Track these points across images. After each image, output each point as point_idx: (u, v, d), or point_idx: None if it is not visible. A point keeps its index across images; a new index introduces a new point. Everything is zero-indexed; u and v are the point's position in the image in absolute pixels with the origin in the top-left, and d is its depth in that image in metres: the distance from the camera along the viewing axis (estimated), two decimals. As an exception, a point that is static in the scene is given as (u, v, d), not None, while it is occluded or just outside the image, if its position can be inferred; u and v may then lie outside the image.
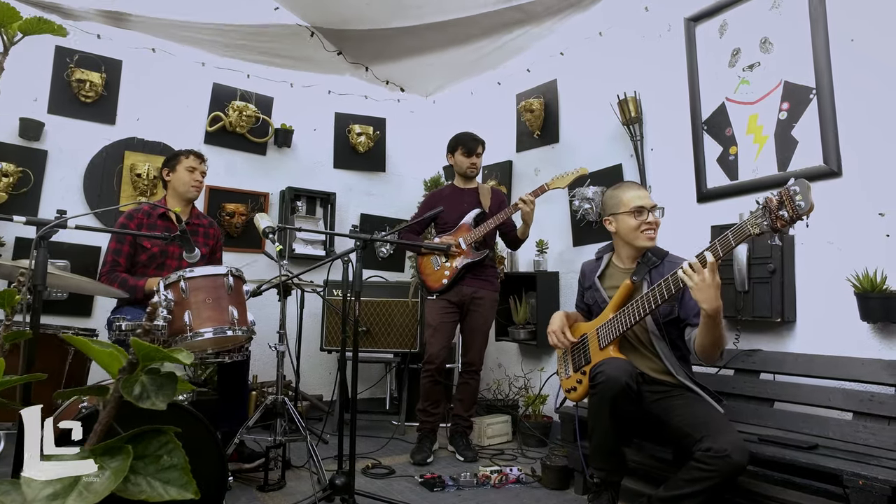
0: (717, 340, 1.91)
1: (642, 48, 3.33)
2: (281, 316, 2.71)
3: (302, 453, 2.84)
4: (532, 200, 3.11)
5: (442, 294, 3.23)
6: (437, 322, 3.23)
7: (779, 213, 1.62)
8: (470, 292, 3.23)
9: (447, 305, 3.24)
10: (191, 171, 2.88)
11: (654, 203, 2.26)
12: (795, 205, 1.59)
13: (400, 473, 2.88)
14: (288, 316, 3.87)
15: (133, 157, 3.81)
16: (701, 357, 2.00)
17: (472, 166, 3.34)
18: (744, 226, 1.73)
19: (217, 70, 4.17)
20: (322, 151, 4.63)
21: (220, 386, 2.80)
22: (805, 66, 2.57)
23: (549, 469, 2.68)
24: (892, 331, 2.23)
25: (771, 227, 1.65)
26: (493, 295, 3.32)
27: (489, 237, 3.29)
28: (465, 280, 3.22)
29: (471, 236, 3.19)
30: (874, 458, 1.86)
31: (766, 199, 1.66)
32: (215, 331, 2.07)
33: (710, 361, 2.03)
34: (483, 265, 3.25)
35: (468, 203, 3.30)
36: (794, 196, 1.60)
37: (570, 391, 2.29)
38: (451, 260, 3.22)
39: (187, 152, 2.94)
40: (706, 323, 1.87)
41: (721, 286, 1.84)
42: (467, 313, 3.27)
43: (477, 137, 3.36)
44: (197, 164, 2.91)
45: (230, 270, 2.18)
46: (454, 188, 3.43)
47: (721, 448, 1.74)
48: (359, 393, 4.40)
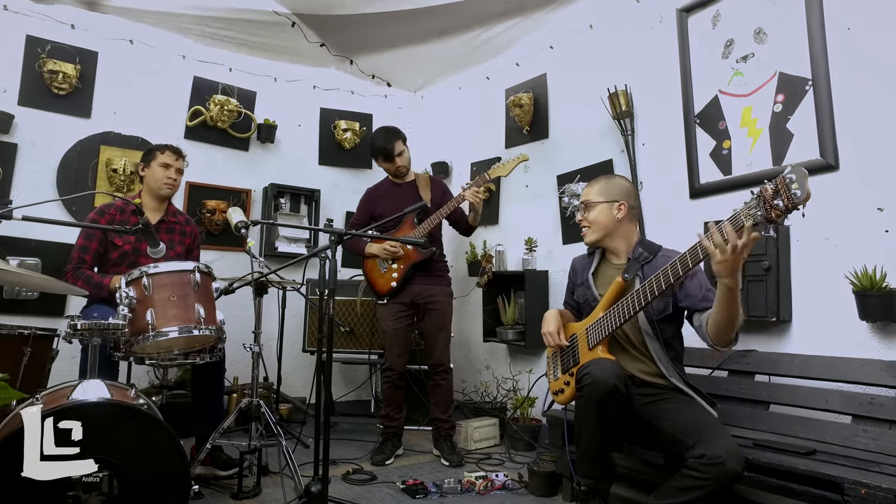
0: (736, 316, 1.76)
1: (633, 41, 3.24)
2: (256, 315, 2.59)
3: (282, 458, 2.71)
4: (482, 191, 3.01)
5: (392, 298, 3.13)
6: (391, 328, 3.14)
7: (774, 203, 1.52)
8: (422, 291, 3.14)
9: (400, 309, 3.14)
10: (165, 167, 2.75)
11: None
12: (791, 193, 1.49)
13: (381, 479, 2.77)
14: (270, 316, 3.82)
15: (109, 151, 3.68)
16: (716, 340, 1.84)
17: (398, 168, 3.24)
18: (737, 216, 1.63)
19: (198, 63, 4.04)
20: (307, 147, 4.51)
21: (193, 388, 2.68)
22: (800, 56, 2.48)
23: (537, 475, 2.58)
24: (892, 330, 2.14)
25: (765, 218, 1.55)
26: (447, 290, 3.23)
27: (435, 231, 3.18)
28: (414, 280, 3.13)
29: (416, 233, 3.08)
30: (875, 464, 1.76)
31: (761, 189, 1.56)
32: (181, 330, 1.94)
33: (726, 342, 1.84)
34: (432, 261, 3.15)
35: (407, 198, 3.16)
36: (790, 185, 1.50)
37: (557, 393, 2.20)
38: (397, 262, 3.12)
39: (164, 147, 2.81)
40: (727, 297, 1.71)
41: (715, 283, 1.74)
42: (424, 314, 3.17)
43: (385, 142, 3.18)
44: (172, 161, 2.77)
45: (197, 266, 2.05)
46: (390, 184, 3.33)
47: (715, 454, 1.64)
48: (343, 395, 4.32)
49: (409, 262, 3.10)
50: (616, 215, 2.16)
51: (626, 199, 2.17)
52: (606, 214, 2.17)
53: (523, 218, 3.91)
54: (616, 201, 2.17)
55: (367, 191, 3.45)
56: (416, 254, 3.09)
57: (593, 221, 2.20)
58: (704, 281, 2.00)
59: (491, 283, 3.74)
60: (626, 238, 2.19)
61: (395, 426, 3.18)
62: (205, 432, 2.53)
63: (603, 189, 2.21)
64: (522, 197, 3.94)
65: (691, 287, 1.97)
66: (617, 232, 2.18)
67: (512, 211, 4.04)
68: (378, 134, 3.27)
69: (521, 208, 3.95)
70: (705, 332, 1.88)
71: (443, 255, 3.30)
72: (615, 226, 2.18)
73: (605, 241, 2.21)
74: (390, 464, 3.05)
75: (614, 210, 2.17)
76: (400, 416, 3.20)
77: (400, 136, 3.24)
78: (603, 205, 2.18)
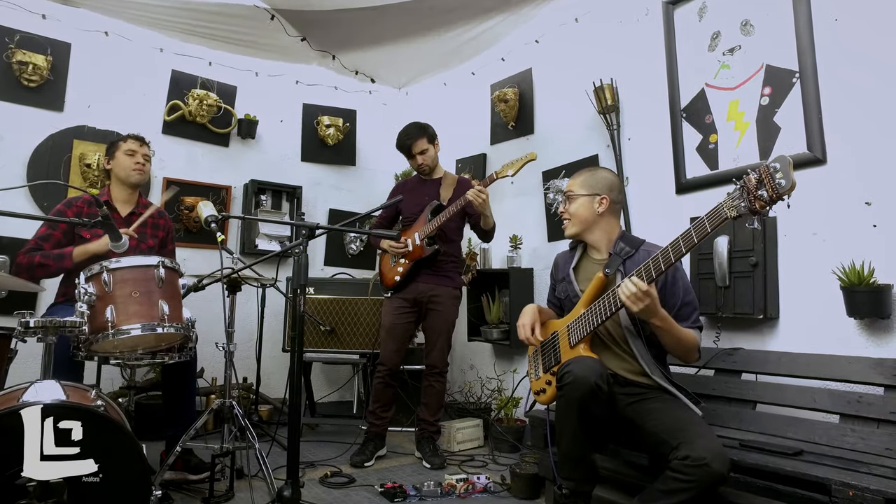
0: (680, 342, 1.85)
1: (619, 34, 3.18)
2: (229, 313, 2.50)
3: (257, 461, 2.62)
4: (482, 191, 2.89)
5: (396, 292, 3.08)
6: (389, 323, 3.07)
7: (757, 193, 1.47)
8: (426, 290, 3.06)
9: (402, 305, 3.07)
10: (130, 154, 2.66)
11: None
12: (775, 183, 1.43)
13: (360, 482, 2.68)
14: (251, 315, 3.73)
15: (83, 146, 3.57)
16: (679, 358, 1.89)
17: (420, 166, 3.16)
18: (720, 209, 1.57)
19: (176, 57, 3.94)
20: (289, 144, 4.42)
21: (163, 390, 2.58)
22: (787, 48, 2.43)
23: (519, 477, 2.51)
24: (880, 327, 2.09)
25: (749, 209, 1.49)
26: (453, 292, 3.12)
27: (449, 231, 3.10)
28: (419, 277, 3.05)
29: (424, 231, 3.01)
30: (863, 464, 1.71)
31: (745, 179, 1.50)
32: (143, 327, 1.85)
33: (689, 361, 1.91)
34: (439, 261, 3.06)
35: (429, 195, 3.12)
36: (774, 174, 1.44)
37: (539, 393, 2.13)
38: (405, 257, 3.07)
39: (126, 137, 2.73)
40: (661, 333, 1.84)
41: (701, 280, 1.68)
42: (427, 313, 3.09)
43: (406, 138, 3.12)
44: (136, 147, 2.69)
45: (161, 261, 1.96)
46: (418, 179, 3.26)
47: (699, 456, 1.58)
48: (325, 396, 4.23)
49: (413, 258, 3.04)
50: (597, 209, 2.10)
51: (607, 194, 2.11)
52: (587, 208, 2.11)
53: (508, 215, 3.83)
54: (597, 195, 2.11)
55: (396, 185, 3.48)
56: (420, 250, 3.02)
57: (573, 214, 2.14)
58: (682, 293, 1.94)
59: (475, 282, 3.67)
60: (607, 232, 2.12)
61: (379, 425, 3.10)
62: (175, 435, 2.43)
63: (586, 181, 2.15)
64: (507, 194, 3.87)
65: (671, 295, 1.91)
66: (597, 226, 2.12)
67: (497, 208, 3.95)
68: (405, 129, 3.18)
69: (506, 205, 3.88)
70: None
71: (454, 256, 3.18)
72: (595, 220, 2.11)
73: (584, 234, 2.15)
74: (370, 465, 2.97)
75: (595, 204, 2.10)
76: (386, 415, 3.12)
77: (425, 134, 3.14)
78: (584, 198, 2.11)
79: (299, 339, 1.85)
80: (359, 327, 3.61)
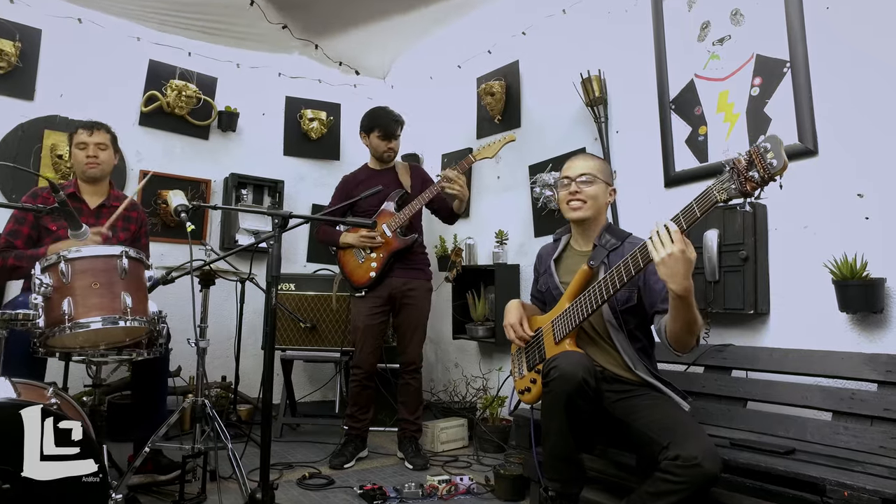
0: (690, 325, 1.64)
1: (607, 24, 3.12)
2: (201, 308, 2.40)
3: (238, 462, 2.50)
4: (459, 176, 2.82)
5: (371, 290, 2.94)
6: (363, 325, 2.95)
7: (748, 175, 1.40)
8: (400, 284, 2.96)
9: (376, 303, 2.95)
10: (81, 147, 2.51)
11: (580, 172, 2.02)
12: (766, 163, 1.37)
13: (339, 484, 2.59)
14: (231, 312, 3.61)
15: (54, 136, 3.44)
16: (675, 346, 1.73)
17: (390, 150, 3.05)
18: (709, 192, 1.51)
19: (154, 46, 3.82)
20: (271, 137, 4.31)
21: (132, 388, 2.47)
22: (778, 37, 2.38)
23: (503, 478, 2.43)
24: (873, 321, 2.03)
25: (740, 192, 1.42)
26: (427, 284, 3.05)
27: (415, 221, 3.02)
28: (393, 271, 2.95)
29: (395, 221, 2.91)
30: (857, 462, 1.65)
31: (734, 160, 1.44)
32: (104, 321, 1.74)
33: (686, 349, 1.74)
34: (412, 252, 2.98)
35: (387, 184, 2.99)
36: (765, 154, 1.37)
37: (523, 392, 2.05)
38: (375, 251, 2.94)
39: (77, 126, 2.57)
40: (675, 306, 1.62)
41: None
42: (400, 308, 2.99)
43: (398, 118, 3.06)
44: (86, 138, 2.51)
45: (125, 251, 1.85)
46: (369, 170, 3.15)
47: (690, 455, 1.51)
48: (308, 395, 4.12)
49: (389, 250, 2.91)
50: (608, 199, 2.06)
51: (614, 186, 2.11)
52: (603, 194, 2.04)
53: (494, 210, 3.77)
54: (609, 184, 2.07)
55: (344, 178, 3.25)
56: (396, 242, 2.91)
57: (592, 197, 2.00)
58: None
59: (460, 278, 3.59)
60: (601, 224, 2.06)
61: (359, 427, 3.01)
62: (145, 436, 2.32)
63: (603, 169, 2.08)
64: (494, 188, 3.80)
65: (655, 282, 1.83)
66: (600, 216, 2.06)
67: (483, 203, 3.90)
68: (393, 112, 3.10)
69: (492, 200, 3.81)
70: (664, 338, 1.77)
71: (423, 247, 3.12)
72: (603, 209, 2.06)
73: (591, 221, 2.04)
74: (350, 467, 2.88)
75: (608, 193, 2.06)
76: (366, 417, 3.03)
77: (403, 125, 3.11)
78: (603, 184, 2.04)
79: (271, 335, 1.76)
80: (341, 324, 3.51)
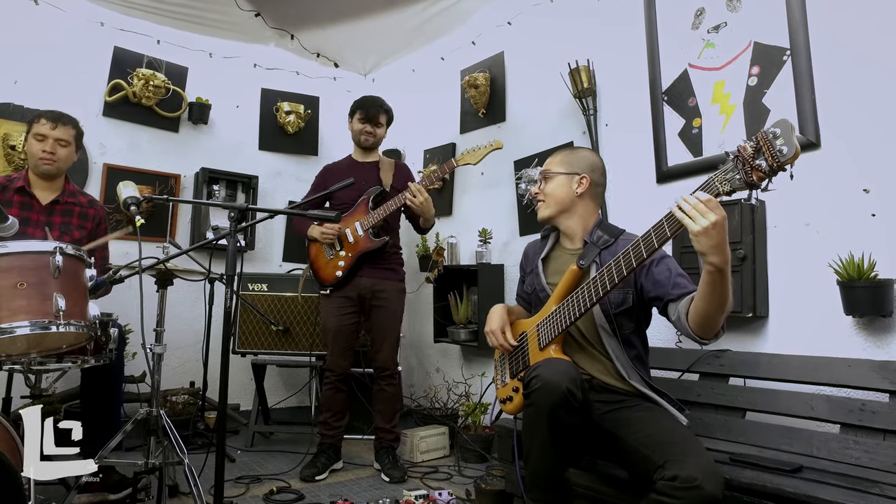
0: (725, 301, 1.46)
1: (596, 12, 2.96)
2: (158, 310, 2.20)
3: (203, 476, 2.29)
4: (421, 190, 2.69)
5: (337, 289, 2.80)
6: (335, 326, 2.81)
7: (755, 164, 1.25)
8: (370, 285, 2.80)
9: (344, 303, 2.80)
10: (40, 139, 2.32)
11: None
12: (775, 150, 1.22)
13: (309, 499, 2.41)
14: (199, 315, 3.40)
15: (7, 126, 3.22)
16: (701, 332, 1.54)
17: (368, 135, 2.90)
18: (712, 183, 1.36)
19: (120, 32, 3.61)
20: (245, 130, 4.11)
21: (82, 399, 2.27)
22: (778, 23, 2.24)
23: (484, 493, 2.26)
24: (881, 326, 1.89)
25: (746, 182, 1.27)
26: (398, 286, 2.90)
27: (391, 220, 2.86)
28: (362, 271, 2.79)
29: (368, 220, 2.76)
30: (872, 482, 1.50)
31: (739, 148, 1.28)
32: (32, 325, 1.55)
33: (713, 332, 1.55)
34: (384, 253, 2.82)
35: (367, 179, 2.84)
36: (774, 140, 1.22)
37: (505, 402, 1.88)
38: (345, 249, 2.78)
39: (39, 115, 2.38)
40: (711, 281, 1.42)
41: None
42: (371, 310, 2.83)
43: (383, 105, 2.95)
44: (48, 130, 2.33)
45: (59, 247, 1.65)
46: (352, 161, 2.99)
47: (690, 476, 1.34)
48: (282, 401, 3.92)
49: (357, 250, 2.76)
50: (575, 189, 1.87)
51: (588, 173, 1.88)
52: (565, 188, 1.87)
53: (478, 208, 3.60)
54: (577, 174, 1.88)
55: (325, 168, 3.10)
56: (365, 242, 2.75)
57: (549, 194, 1.89)
58: (674, 265, 1.71)
59: (442, 279, 3.42)
60: (584, 219, 1.89)
61: (332, 435, 2.83)
62: (94, 451, 2.12)
63: (565, 159, 1.92)
64: (477, 185, 3.63)
65: (659, 273, 1.68)
66: (574, 210, 1.88)
67: (466, 200, 3.74)
68: (370, 96, 3.02)
69: (475, 197, 3.65)
70: (685, 324, 1.57)
71: (397, 247, 2.97)
72: (573, 202, 1.88)
73: (559, 219, 1.90)
74: (323, 479, 2.70)
75: (574, 184, 1.87)
76: (340, 423, 2.85)
77: (388, 113, 2.99)
78: (562, 176, 1.88)
79: (225, 336, 1.59)
80: (316, 327, 3.32)
